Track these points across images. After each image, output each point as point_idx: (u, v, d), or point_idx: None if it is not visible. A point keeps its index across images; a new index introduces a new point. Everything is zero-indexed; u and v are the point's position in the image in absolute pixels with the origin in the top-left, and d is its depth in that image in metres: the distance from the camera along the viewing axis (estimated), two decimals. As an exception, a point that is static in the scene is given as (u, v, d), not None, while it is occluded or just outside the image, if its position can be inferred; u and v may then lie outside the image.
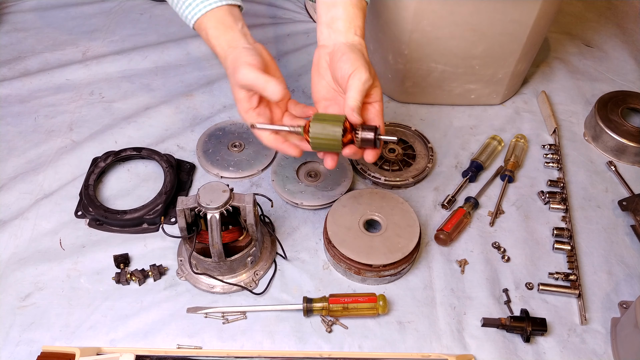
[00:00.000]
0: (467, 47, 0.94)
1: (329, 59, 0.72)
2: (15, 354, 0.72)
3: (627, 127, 0.98)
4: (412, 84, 1.03)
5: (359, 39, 0.73)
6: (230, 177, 0.94)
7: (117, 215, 0.84)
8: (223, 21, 0.73)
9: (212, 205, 0.71)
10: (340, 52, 0.70)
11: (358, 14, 0.73)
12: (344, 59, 0.69)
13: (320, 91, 0.74)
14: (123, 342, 0.74)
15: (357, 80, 0.67)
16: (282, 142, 0.72)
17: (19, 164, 0.94)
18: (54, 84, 1.08)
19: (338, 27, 0.73)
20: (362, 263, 0.78)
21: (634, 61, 1.19)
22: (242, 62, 0.69)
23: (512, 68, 0.99)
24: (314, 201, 0.88)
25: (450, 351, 0.74)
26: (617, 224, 0.90)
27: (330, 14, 0.73)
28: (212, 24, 0.73)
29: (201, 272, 0.78)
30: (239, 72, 0.68)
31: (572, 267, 0.83)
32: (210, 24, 0.73)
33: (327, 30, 0.74)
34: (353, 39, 0.72)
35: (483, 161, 0.95)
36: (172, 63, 1.14)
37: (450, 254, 0.85)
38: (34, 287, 0.79)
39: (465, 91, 1.04)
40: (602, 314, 0.78)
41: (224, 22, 0.73)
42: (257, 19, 1.25)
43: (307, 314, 0.76)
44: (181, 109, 1.05)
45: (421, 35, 0.92)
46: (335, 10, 0.73)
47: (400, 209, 0.84)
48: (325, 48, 0.73)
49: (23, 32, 1.19)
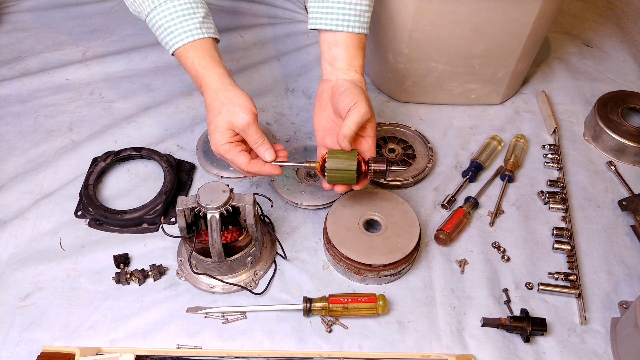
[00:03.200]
0: (468, 47, 0.94)
1: (331, 93, 0.78)
2: (15, 353, 0.72)
3: (627, 127, 0.98)
4: (412, 83, 1.03)
5: (359, 76, 0.79)
6: (230, 177, 0.94)
7: (117, 215, 0.84)
8: (210, 53, 0.77)
9: (212, 205, 0.71)
10: (343, 87, 0.76)
11: (358, 53, 0.79)
12: (346, 92, 0.74)
13: (320, 121, 0.80)
14: (123, 342, 0.74)
15: (356, 112, 0.72)
16: (262, 166, 0.75)
17: (19, 164, 0.94)
18: (54, 84, 1.08)
19: (340, 66, 0.78)
20: (362, 263, 0.78)
21: (634, 61, 1.19)
22: (243, 106, 0.73)
23: (512, 68, 0.99)
24: (314, 201, 0.88)
25: (450, 351, 0.74)
26: (617, 224, 0.90)
27: (332, 52, 0.79)
28: (199, 53, 0.76)
29: (201, 272, 0.78)
30: (239, 116, 0.72)
31: (572, 267, 0.83)
32: (198, 54, 0.76)
33: (329, 67, 0.79)
34: (354, 77, 0.78)
35: (483, 161, 0.95)
36: (172, 63, 1.14)
37: (450, 254, 0.85)
38: (34, 287, 0.79)
39: (465, 91, 1.04)
40: (602, 314, 0.78)
41: (211, 54, 0.77)
42: (257, 19, 1.25)
43: (307, 314, 0.76)
44: (181, 109, 1.05)
45: (421, 34, 0.92)
46: (336, 50, 0.78)
47: (400, 209, 0.84)
48: (329, 82, 0.79)
49: (23, 32, 1.19)
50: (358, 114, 0.72)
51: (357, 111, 0.72)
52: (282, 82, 1.11)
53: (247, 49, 1.18)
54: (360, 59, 0.79)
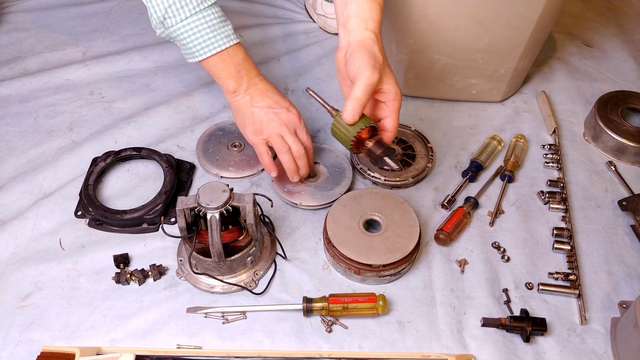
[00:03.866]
0: (472, 40, 0.94)
1: (345, 61, 0.74)
2: (15, 353, 0.72)
3: (627, 127, 0.98)
4: (414, 75, 1.03)
5: (370, 32, 0.73)
6: (230, 177, 0.94)
7: (117, 215, 0.84)
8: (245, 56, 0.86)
9: (212, 205, 0.71)
10: (349, 53, 0.72)
11: (373, 7, 0.74)
12: (350, 59, 0.71)
13: (345, 90, 0.78)
14: (123, 342, 0.74)
15: (361, 79, 0.69)
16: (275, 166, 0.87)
17: (19, 164, 0.94)
18: (54, 84, 1.08)
19: (351, 25, 0.74)
20: (361, 263, 0.78)
21: (634, 61, 1.19)
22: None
23: (514, 64, 0.99)
24: (313, 201, 0.88)
25: (450, 351, 0.74)
26: (617, 224, 0.90)
27: (345, 13, 0.75)
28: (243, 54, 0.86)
29: (201, 272, 0.78)
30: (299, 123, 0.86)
31: (572, 267, 0.83)
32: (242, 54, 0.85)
33: (343, 31, 0.75)
34: (363, 35, 0.73)
35: (483, 161, 0.95)
36: (172, 63, 1.14)
37: (450, 253, 0.85)
38: (34, 287, 0.79)
39: (467, 86, 1.04)
40: (602, 314, 0.78)
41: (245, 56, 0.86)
42: (257, 19, 1.25)
43: (307, 313, 0.76)
44: (181, 109, 1.05)
45: (426, 24, 0.92)
46: (349, 8, 0.74)
47: (400, 209, 0.84)
48: (341, 50, 0.76)
49: (23, 32, 1.19)
50: (362, 81, 0.68)
51: (362, 78, 0.68)
52: (282, 82, 1.11)
53: (247, 49, 1.16)
54: (374, 12, 0.74)
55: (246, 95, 0.86)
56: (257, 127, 0.86)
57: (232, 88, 0.85)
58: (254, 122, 0.86)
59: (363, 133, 0.72)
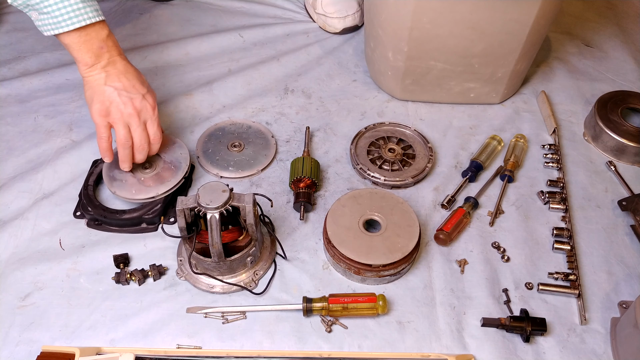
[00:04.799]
0: (467, 45, 0.94)
1: None
2: (15, 353, 0.72)
3: (626, 127, 0.98)
4: (412, 81, 1.03)
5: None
6: (230, 177, 0.94)
7: (116, 215, 0.84)
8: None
9: (212, 205, 0.71)
10: None
11: None
12: None
13: None
14: (123, 342, 0.74)
15: None
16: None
17: (19, 164, 0.94)
18: (54, 84, 1.08)
19: None
20: (361, 263, 0.78)
21: (633, 61, 1.19)
22: None
23: (511, 67, 0.99)
24: (128, 194, 0.85)
25: (449, 351, 0.74)
26: (617, 224, 0.90)
27: None
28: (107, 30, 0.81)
29: (201, 272, 0.78)
30: None
31: (571, 267, 0.83)
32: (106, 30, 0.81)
33: None
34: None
35: (483, 161, 0.95)
36: (171, 63, 1.14)
37: (450, 254, 0.85)
38: (34, 287, 0.79)
39: (465, 89, 1.04)
40: (602, 314, 0.78)
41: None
42: (257, 19, 1.25)
43: (307, 313, 0.76)
44: (181, 109, 1.05)
45: (421, 32, 0.92)
46: None
47: (400, 209, 0.84)
48: None
49: (23, 32, 1.19)
50: None
51: None
52: (281, 82, 1.11)
53: (247, 49, 1.18)
54: None
55: (102, 72, 0.80)
56: (104, 107, 0.81)
57: (90, 62, 0.80)
58: (102, 101, 0.80)
59: (306, 180, 0.85)
